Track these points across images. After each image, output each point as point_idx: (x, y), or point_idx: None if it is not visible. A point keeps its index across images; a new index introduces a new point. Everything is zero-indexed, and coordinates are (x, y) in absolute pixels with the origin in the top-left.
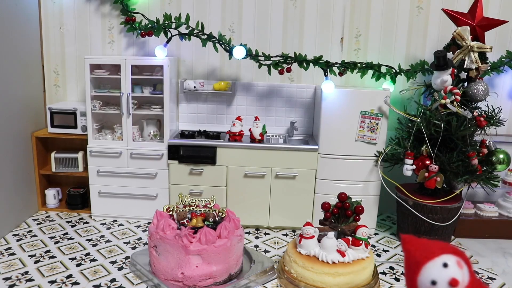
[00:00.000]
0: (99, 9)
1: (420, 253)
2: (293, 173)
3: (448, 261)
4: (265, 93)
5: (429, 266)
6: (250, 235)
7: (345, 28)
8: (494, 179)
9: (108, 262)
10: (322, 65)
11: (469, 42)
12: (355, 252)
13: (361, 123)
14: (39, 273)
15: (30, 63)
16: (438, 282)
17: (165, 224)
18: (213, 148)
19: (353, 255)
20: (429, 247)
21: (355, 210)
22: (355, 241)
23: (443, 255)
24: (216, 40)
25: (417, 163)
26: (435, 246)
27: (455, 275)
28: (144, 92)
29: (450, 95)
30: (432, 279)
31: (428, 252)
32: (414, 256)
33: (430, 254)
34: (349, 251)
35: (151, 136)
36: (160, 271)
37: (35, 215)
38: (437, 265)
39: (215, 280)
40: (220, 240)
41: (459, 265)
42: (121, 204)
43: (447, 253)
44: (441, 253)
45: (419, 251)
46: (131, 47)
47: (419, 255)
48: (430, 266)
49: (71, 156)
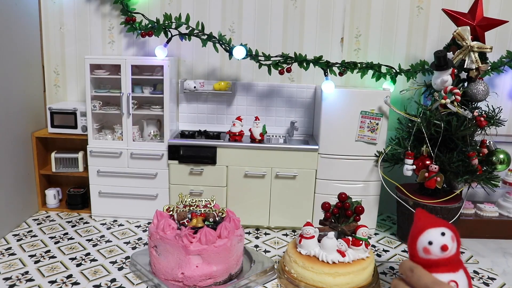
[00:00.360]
0: (99, 9)
1: (427, 221)
2: (293, 173)
3: (446, 232)
4: (265, 93)
5: (430, 231)
6: (250, 235)
7: (345, 28)
8: (494, 179)
9: (108, 262)
10: (322, 65)
11: (469, 42)
12: (355, 252)
13: (361, 123)
14: (39, 273)
15: (31, 63)
16: (433, 243)
17: (165, 224)
18: (213, 148)
19: (353, 255)
20: (435, 220)
21: (355, 210)
22: (355, 241)
23: (444, 228)
24: (216, 40)
25: (417, 163)
26: (439, 220)
27: (447, 243)
28: (144, 92)
29: (450, 95)
30: (430, 240)
31: (433, 222)
32: (422, 222)
33: (434, 223)
34: (349, 251)
35: (151, 136)
36: (160, 271)
37: (35, 215)
38: (437, 232)
39: (215, 280)
40: (220, 240)
41: (452, 239)
42: (121, 204)
43: (447, 227)
44: (443, 226)
45: (427, 219)
46: (131, 47)
47: (426, 222)
48: (431, 231)
49: (71, 156)
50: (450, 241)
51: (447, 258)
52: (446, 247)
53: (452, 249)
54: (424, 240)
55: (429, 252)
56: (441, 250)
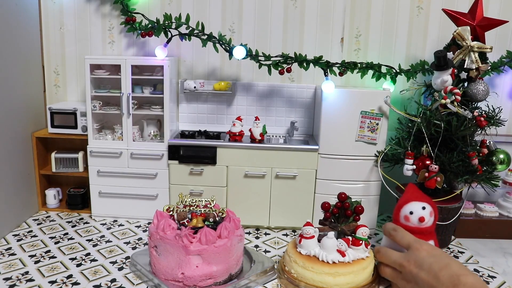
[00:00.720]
0: (99, 9)
1: (413, 195)
2: (293, 173)
3: (426, 207)
4: (265, 93)
5: (414, 203)
6: (251, 235)
7: (345, 28)
8: (494, 179)
9: (108, 262)
10: (322, 65)
11: (469, 42)
12: (355, 252)
13: (361, 123)
14: (40, 273)
15: (30, 63)
16: (414, 214)
17: (165, 224)
18: (213, 148)
19: (353, 255)
20: (420, 195)
21: (355, 210)
22: (355, 241)
23: (426, 203)
24: (216, 40)
25: (417, 163)
26: (424, 196)
27: (425, 216)
28: (144, 92)
29: (450, 95)
30: (411, 210)
31: (418, 197)
32: (409, 195)
33: (418, 198)
34: (349, 251)
35: (151, 136)
36: (160, 271)
37: (36, 215)
38: (419, 205)
39: (215, 280)
40: (220, 240)
41: (431, 214)
42: (121, 204)
43: (428, 203)
44: (425, 201)
45: (414, 193)
46: (131, 47)
47: (413, 196)
48: (414, 204)
49: (71, 156)
50: (428, 215)
51: (422, 228)
52: (423, 218)
53: (428, 221)
54: (407, 210)
55: (409, 220)
56: (418, 221)
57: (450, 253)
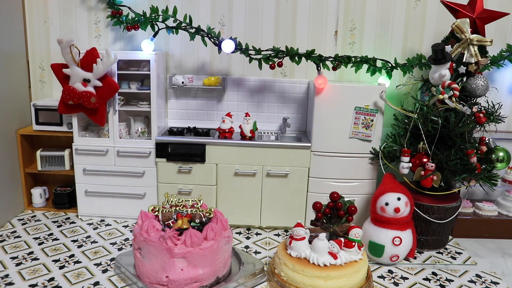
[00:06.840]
0: (85, 2)
1: (389, 186)
2: (285, 171)
3: (402, 198)
4: (256, 88)
5: (390, 194)
6: (241, 235)
7: (340, 21)
8: (493, 178)
9: (92, 264)
10: (315, 59)
11: (468, 35)
12: (348, 254)
13: (356, 120)
14: (20, 276)
15: (15, 59)
16: (389, 205)
17: (149, 225)
18: (202, 146)
19: (345, 257)
20: (396, 186)
21: (348, 210)
22: (347, 242)
23: (401, 194)
24: (205, 34)
25: (414, 160)
26: (400, 187)
27: (400, 206)
28: (131, 87)
29: (448, 90)
30: (387, 201)
31: (394, 188)
32: (386, 186)
33: (394, 189)
34: (342, 253)
35: (139, 133)
36: (144, 274)
37: (21, 214)
38: (394, 196)
39: (201, 283)
40: (206, 242)
41: (406, 204)
42: (108, 204)
43: (404, 194)
44: (400, 192)
45: (390, 184)
46: (118, 41)
47: (388, 187)
48: (390, 194)
49: (57, 154)
50: (404, 206)
51: (398, 219)
52: (398, 209)
53: (404, 212)
54: (382, 201)
55: (385, 211)
56: (394, 212)
57: (447, 254)
